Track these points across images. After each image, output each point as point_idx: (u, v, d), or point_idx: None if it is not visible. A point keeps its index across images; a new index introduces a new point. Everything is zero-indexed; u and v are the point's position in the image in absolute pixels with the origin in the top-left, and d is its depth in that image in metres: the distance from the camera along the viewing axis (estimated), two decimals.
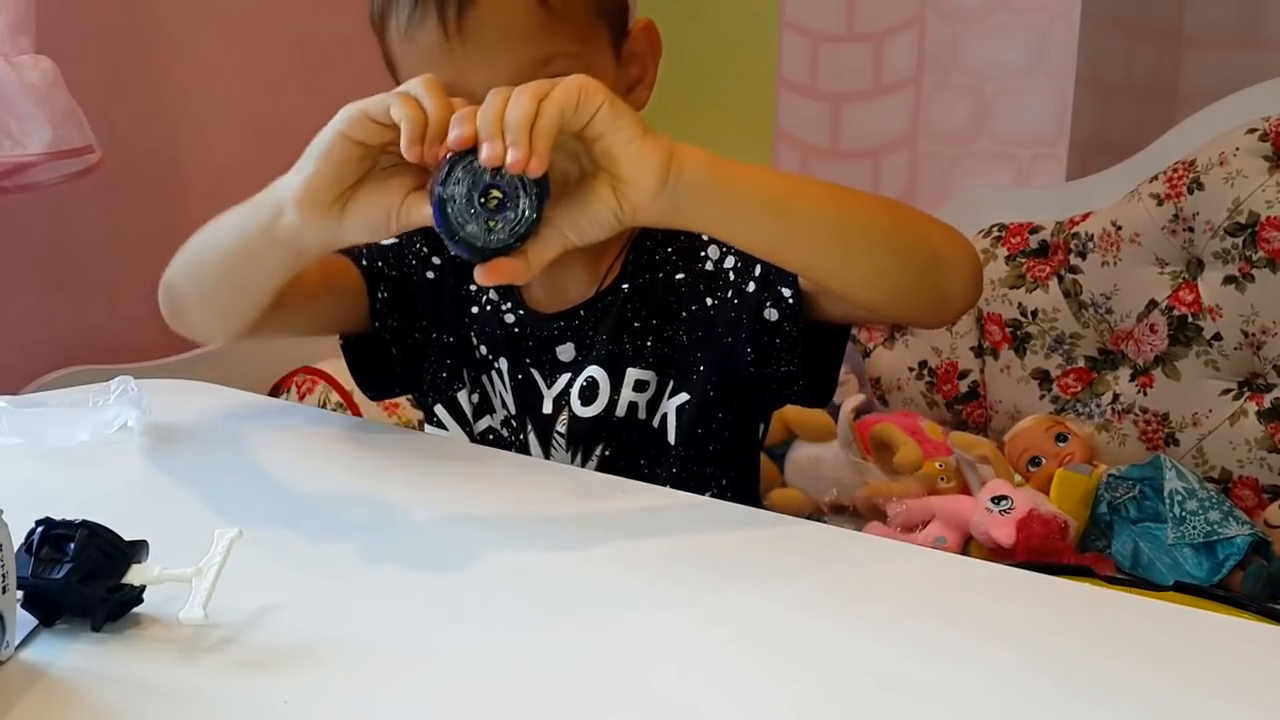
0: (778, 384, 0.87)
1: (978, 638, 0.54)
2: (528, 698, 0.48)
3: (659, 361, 0.89)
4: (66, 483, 0.78)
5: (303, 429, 0.93)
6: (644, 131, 0.64)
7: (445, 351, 0.95)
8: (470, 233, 0.63)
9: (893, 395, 2.01)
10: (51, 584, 0.51)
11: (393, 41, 0.83)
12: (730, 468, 0.91)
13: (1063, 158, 1.94)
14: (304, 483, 0.78)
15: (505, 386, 0.92)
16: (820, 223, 0.72)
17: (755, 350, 0.86)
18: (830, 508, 1.72)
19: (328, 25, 1.98)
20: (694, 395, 0.88)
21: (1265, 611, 1.33)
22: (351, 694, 0.48)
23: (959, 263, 0.77)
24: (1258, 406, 1.64)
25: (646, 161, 0.64)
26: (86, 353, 1.68)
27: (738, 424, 0.91)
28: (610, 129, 0.63)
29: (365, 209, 0.68)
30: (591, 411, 0.89)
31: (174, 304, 0.89)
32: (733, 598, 0.58)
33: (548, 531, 0.68)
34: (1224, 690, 0.49)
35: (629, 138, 0.64)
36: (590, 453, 0.90)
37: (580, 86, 0.63)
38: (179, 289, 0.87)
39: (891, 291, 0.76)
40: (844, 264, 0.73)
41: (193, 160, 1.85)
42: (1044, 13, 1.93)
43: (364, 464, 0.84)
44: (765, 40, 2.23)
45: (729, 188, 0.68)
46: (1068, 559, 1.52)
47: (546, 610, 0.57)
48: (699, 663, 0.51)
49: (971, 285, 0.79)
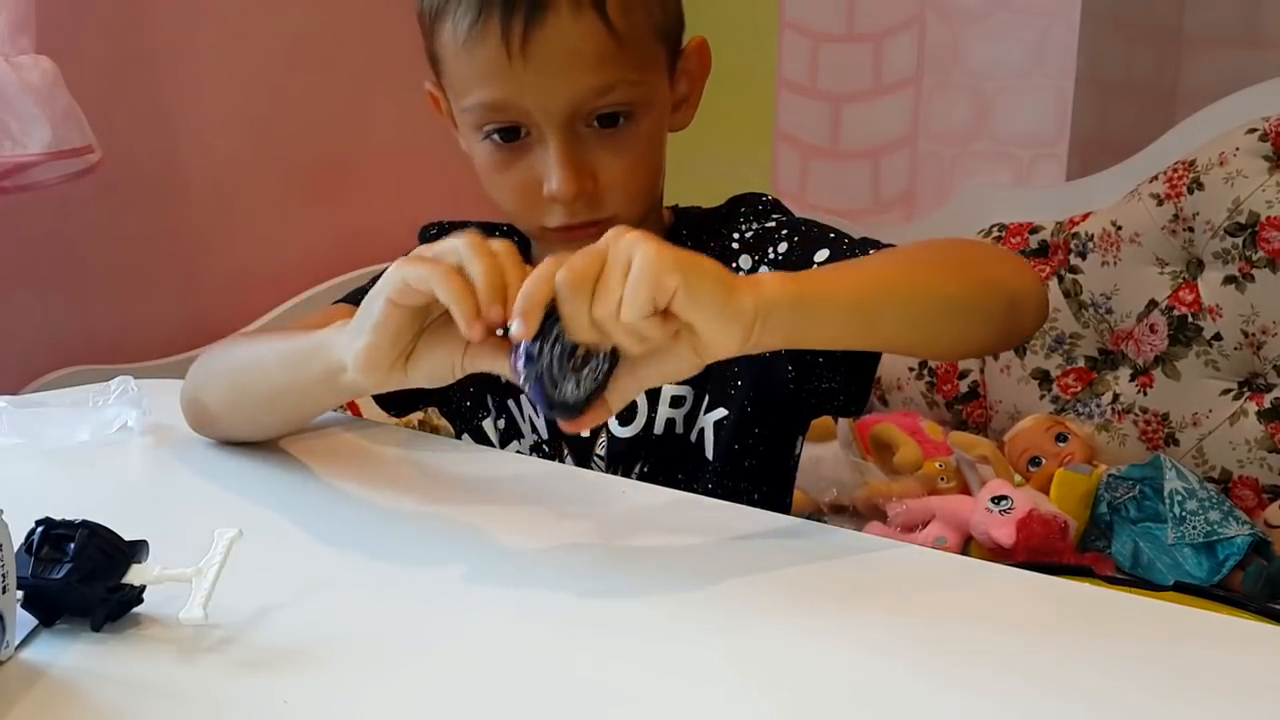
0: (817, 399, 0.87)
1: (977, 637, 0.54)
2: (527, 697, 0.48)
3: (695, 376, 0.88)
4: (66, 483, 0.78)
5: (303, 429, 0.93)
6: (725, 299, 0.59)
7: (469, 378, 0.94)
8: (565, 394, 0.61)
9: (893, 395, 2.01)
10: (51, 584, 0.51)
11: (445, 46, 0.81)
12: (764, 482, 0.90)
13: (1063, 158, 1.94)
14: (304, 483, 0.78)
15: (537, 412, 0.91)
16: (904, 313, 0.70)
17: (796, 368, 0.85)
18: (830, 508, 1.72)
19: (327, 25, 1.98)
20: (731, 411, 0.87)
21: (1265, 611, 1.33)
22: (351, 694, 0.48)
23: (1030, 294, 0.77)
24: (1258, 406, 1.64)
25: (730, 329, 0.59)
26: (86, 353, 1.68)
27: (773, 439, 0.89)
28: (688, 309, 0.58)
29: (427, 365, 0.65)
30: (630, 432, 0.88)
31: (204, 417, 0.85)
32: (732, 597, 0.58)
33: (548, 531, 0.68)
34: (1224, 690, 0.49)
35: (711, 315, 0.58)
36: (629, 472, 0.89)
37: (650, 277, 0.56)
38: (211, 407, 0.84)
39: (974, 346, 0.78)
40: (931, 340, 0.74)
41: (193, 160, 1.85)
42: (1044, 13, 1.93)
43: (364, 464, 0.84)
44: (765, 40, 2.23)
45: (816, 315, 0.64)
46: (1068, 559, 1.52)
47: (545, 610, 0.57)
48: (698, 662, 0.51)
49: (1041, 311, 0.78)
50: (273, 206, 1.92)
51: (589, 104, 0.79)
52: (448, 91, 0.85)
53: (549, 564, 0.63)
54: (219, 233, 1.87)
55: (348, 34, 2.00)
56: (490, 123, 0.81)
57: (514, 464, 0.86)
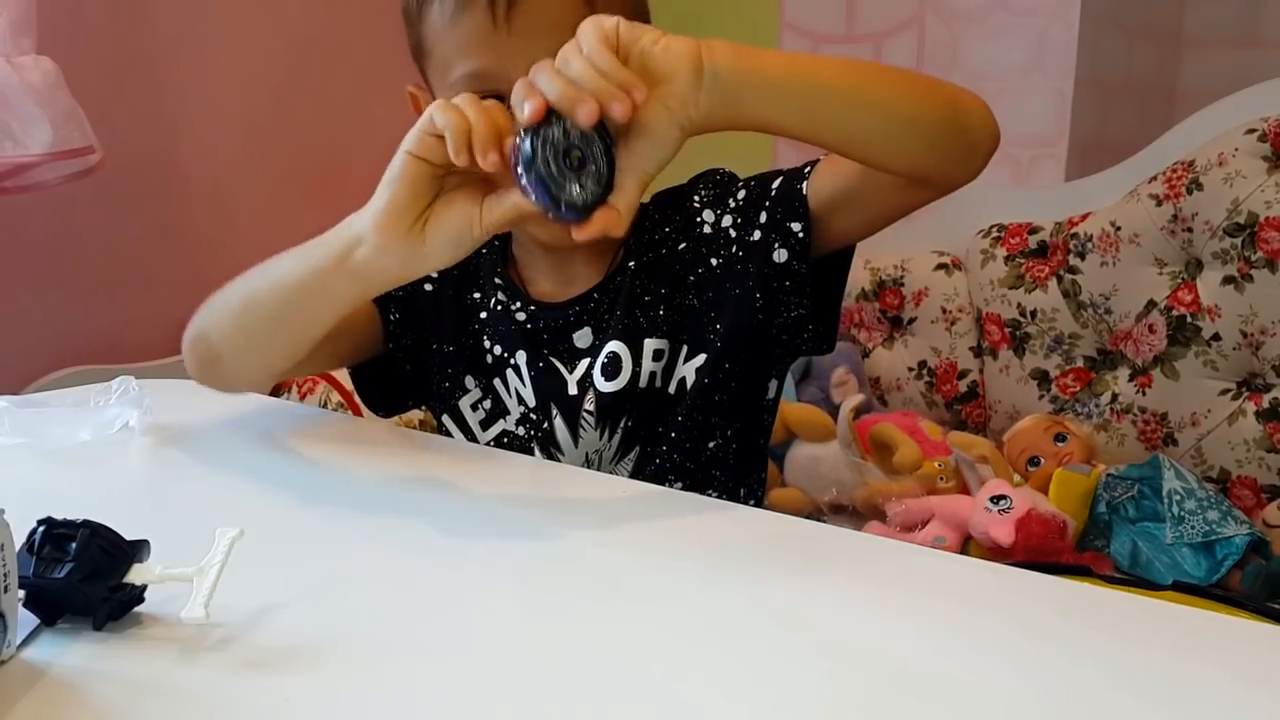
0: (788, 333, 0.90)
1: (976, 637, 0.54)
2: (527, 696, 0.48)
3: (671, 329, 0.91)
4: (68, 482, 0.78)
5: (303, 429, 0.93)
6: (663, 33, 0.68)
7: (446, 361, 0.97)
8: (571, 195, 0.66)
9: (892, 395, 2.02)
10: (53, 583, 0.51)
11: (431, 26, 0.85)
12: (735, 419, 0.93)
13: (1062, 158, 1.94)
14: (304, 483, 0.78)
15: (523, 380, 0.93)
16: (848, 84, 0.75)
17: (764, 296, 0.88)
18: (830, 507, 1.72)
19: (327, 25, 1.98)
20: (709, 354, 0.90)
21: (1264, 611, 1.33)
22: (352, 693, 0.48)
23: (975, 105, 0.80)
24: (1256, 406, 1.64)
25: (676, 53, 0.67)
26: (87, 353, 1.69)
27: (745, 375, 0.92)
28: (633, 39, 0.67)
29: (445, 225, 0.70)
30: (616, 386, 0.90)
31: (208, 355, 0.88)
32: (732, 597, 0.58)
33: (548, 530, 0.68)
34: (1223, 690, 0.49)
35: (652, 39, 0.67)
36: (616, 426, 0.91)
37: (596, 23, 0.67)
38: (215, 339, 0.87)
39: (925, 141, 0.78)
40: (879, 117, 0.76)
41: (193, 160, 1.85)
42: (1044, 13, 1.93)
43: (364, 464, 0.84)
44: (765, 40, 2.24)
45: (760, 67, 0.71)
46: (1066, 558, 1.52)
47: (546, 609, 0.57)
48: (698, 662, 0.51)
49: (990, 128, 0.80)
50: (273, 206, 1.92)
51: None
52: (433, 79, 0.88)
53: (550, 564, 0.63)
54: (219, 233, 1.88)
55: (348, 35, 2.00)
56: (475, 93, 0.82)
57: (515, 464, 0.86)
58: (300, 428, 0.94)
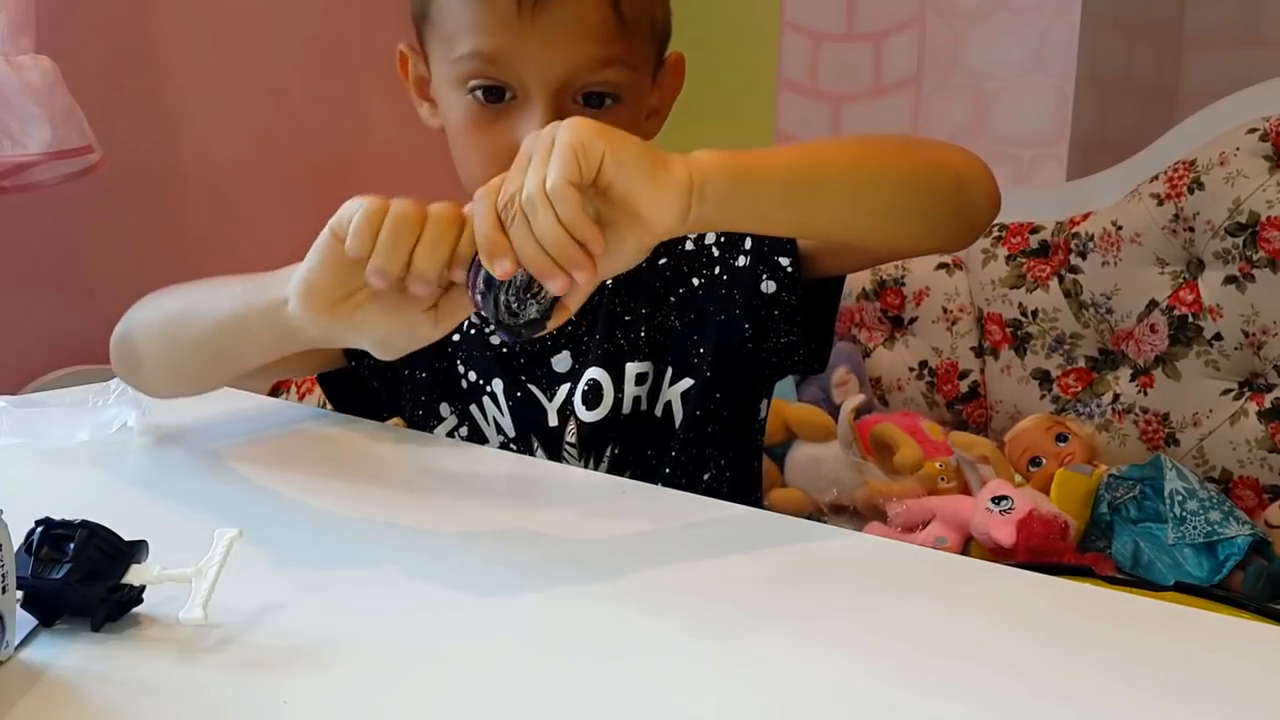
0: (778, 356, 0.88)
1: (978, 638, 0.54)
2: (527, 697, 0.48)
3: (654, 350, 0.89)
4: (66, 483, 0.78)
5: (303, 429, 0.93)
6: (653, 165, 0.60)
7: (419, 389, 0.94)
8: (530, 315, 0.62)
9: (893, 395, 2.01)
10: (51, 584, 0.51)
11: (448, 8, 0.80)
12: (729, 448, 0.91)
13: (1063, 158, 1.94)
14: (304, 483, 0.78)
15: (501, 409, 0.91)
16: (846, 186, 0.70)
17: (753, 325, 0.86)
18: (830, 508, 1.71)
19: (327, 25, 1.98)
20: (696, 380, 0.88)
21: (1265, 611, 1.33)
22: (352, 694, 0.48)
23: (977, 176, 0.78)
24: (1258, 406, 1.64)
25: (664, 199, 0.60)
26: (86, 353, 1.68)
27: (736, 403, 0.90)
28: (619, 177, 0.58)
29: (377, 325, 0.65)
30: (598, 415, 0.88)
31: (129, 358, 0.85)
32: (732, 598, 0.58)
33: (547, 531, 0.68)
34: (1224, 690, 0.49)
35: (641, 180, 0.59)
36: (601, 456, 0.89)
37: (573, 146, 0.58)
38: (140, 345, 0.83)
39: (926, 227, 0.76)
40: (877, 218, 0.73)
41: (193, 160, 1.85)
42: (1044, 13, 1.93)
43: (364, 464, 0.84)
44: (765, 40, 2.24)
45: (752, 186, 0.65)
46: (1068, 559, 1.52)
47: (546, 610, 0.57)
48: (698, 662, 0.51)
49: (992, 197, 0.79)
50: (273, 206, 1.92)
51: (584, 76, 0.79)
52: (434, 48, 0.84)
53: (550, 564, 0.63)
54: (219, 233, 1.87)
55: (348, 34, 2.00)
56: (479, 76, 0.80)
57: (516, 464, 0.86)
58: (299, 428, 0.93)
